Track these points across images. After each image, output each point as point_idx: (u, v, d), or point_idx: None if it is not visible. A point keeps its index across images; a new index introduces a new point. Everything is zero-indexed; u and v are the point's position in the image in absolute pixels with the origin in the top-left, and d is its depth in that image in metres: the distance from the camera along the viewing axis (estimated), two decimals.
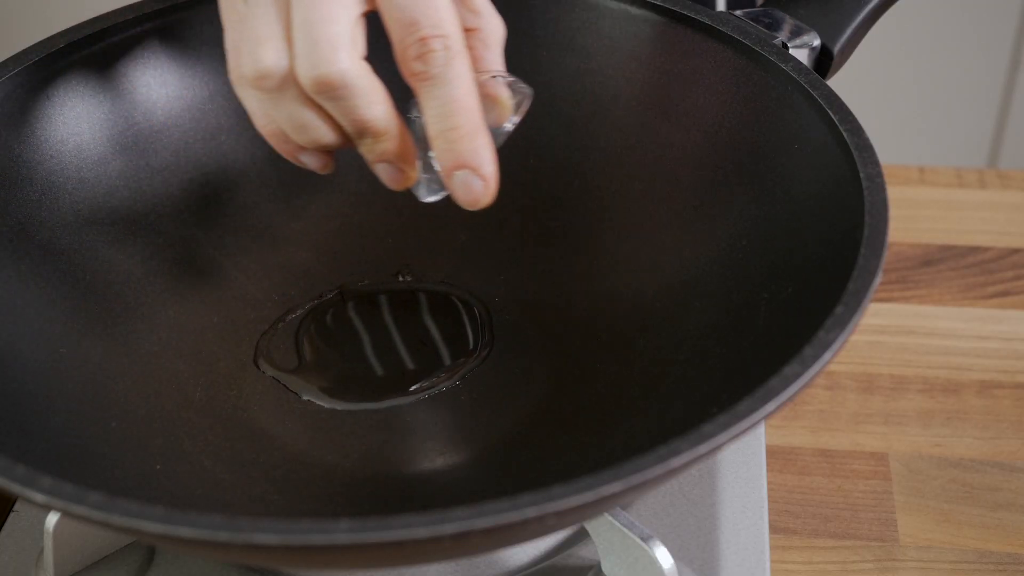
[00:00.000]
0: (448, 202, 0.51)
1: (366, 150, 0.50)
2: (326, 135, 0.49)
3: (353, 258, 0.64)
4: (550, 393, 0.57)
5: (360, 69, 0.47)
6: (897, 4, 0.64)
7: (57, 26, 0.61)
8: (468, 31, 0.51)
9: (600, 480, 0.40)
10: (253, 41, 0.47)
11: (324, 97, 0.47)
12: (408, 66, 0.47)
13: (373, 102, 0.48)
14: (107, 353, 0.57)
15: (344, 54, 0.46)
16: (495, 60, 0.53)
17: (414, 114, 0.51)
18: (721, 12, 0.61)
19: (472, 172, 0.48)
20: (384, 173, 0.51)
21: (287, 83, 0.47)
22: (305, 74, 0.46)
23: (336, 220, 0.65)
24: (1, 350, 0.52)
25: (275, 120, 0.49)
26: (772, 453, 0.63)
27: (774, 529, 0.59)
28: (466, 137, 0.48)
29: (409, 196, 0.53)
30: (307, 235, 0.64)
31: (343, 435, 0.56)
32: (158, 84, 0.62)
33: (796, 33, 0.60)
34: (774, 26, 0.61)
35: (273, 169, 0.64)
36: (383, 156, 0.50)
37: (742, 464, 0.58)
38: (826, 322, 0.45)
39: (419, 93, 0.48)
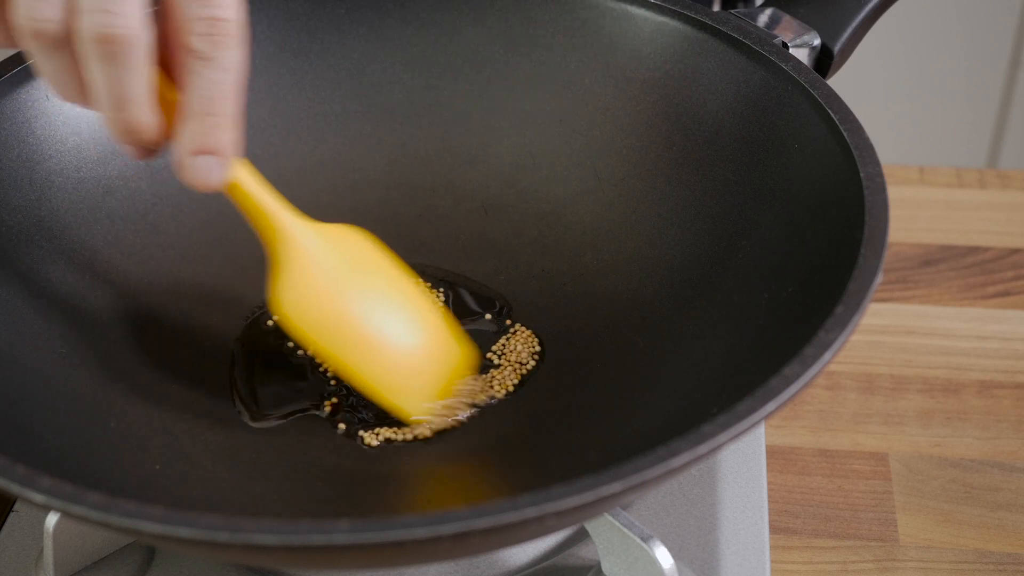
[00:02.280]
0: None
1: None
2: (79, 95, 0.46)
3: None
4: (550, 393, 0.57)
5: (146, 29, 0.44)
6: (897, 4, 0.64)
7: None
8: None
9: (600, 480, 0.40)
10: None
11: (101, 55, 0.44)
12: (187, 40, 0.45)
13: (144, 73, 0.45)
14: (107, 353, 0.57)
15: (137, 7, 0.44)
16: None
17: None
18: (721, 12, 0.61)
19: (218, 158, 0.47)
20: (128, 149, 0.48)
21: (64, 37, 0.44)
22: (87, 27, 0.43)
23: (342, 218, 0.65)
24: (1, 350, 0.52)
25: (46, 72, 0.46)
26: (772, 453, 0.63)
27: (774, 529, 0.59)
28: (225, 126, 0.47)
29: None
30: None
31: (343, 435, 0.56)
32: None
33: (796, 32, 0.60)
34: (774, 25, 0.61)
35: (274, 168, 0.64)
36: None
37: (742, 464, 0.58)
38: (826, 322, 0.45)
39: (187, 69, 0.46)
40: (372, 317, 0.55)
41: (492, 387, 0.58)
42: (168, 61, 0.47)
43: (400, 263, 0.57)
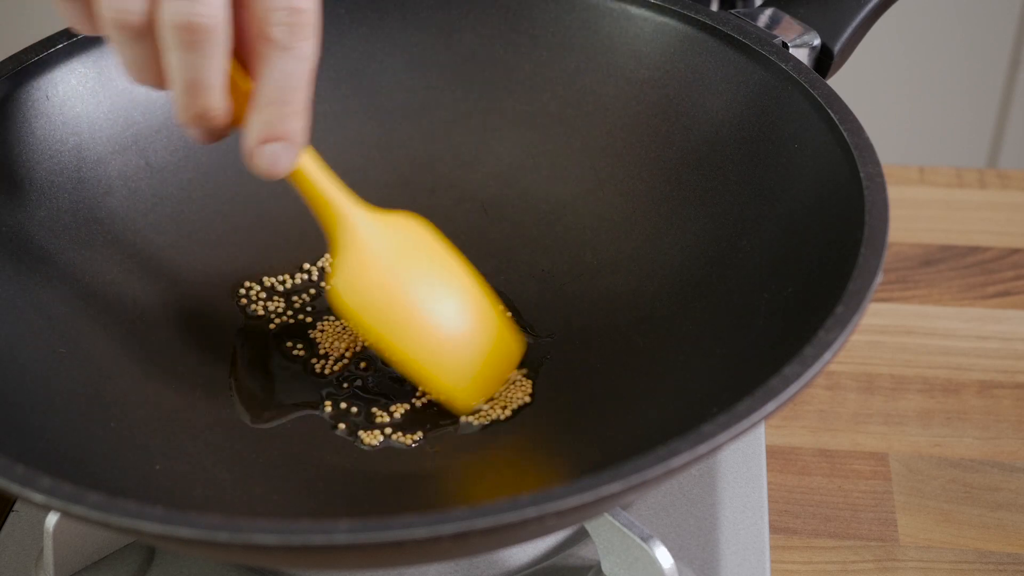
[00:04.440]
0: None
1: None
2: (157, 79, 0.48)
3: None
4: (550, 393, 0.57)
5: (227, 19, 0.46)
6: (897, 4, 0.64)
7: (57, 26, 0.61)
8: None
9: (600, 480, 0.40)
10: None
11: (183, 43, 0.45)
12: (266, 29, 0.46)
13: (222, 61, 0.46)
14: (106, 353, 0.57)
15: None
16: None
17: None
18: (721, 12, 0.61)
19: (289, 145, 0.48)
20: (194, 133, 0.49)
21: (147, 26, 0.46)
22: (171, 15, 0.45)
23: None
24: (1, 350, 0.52)
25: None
26: (772, 453, 0.63)
27: (774, 529, 0.59)
28: (298, 115, 0.48)
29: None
30: (308, 233, 0.64)
31: (343, 435, 0.56)
32: None
33: (796, 32, 0.60)
34: (774, 25, 0.61)
35: None
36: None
37: (742, 464, 0.58)
38: (826, 322, 0.45)
39: (263, 58, 0.47)
40: (428, 305, 0.55)
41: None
42: (240, 49, 0.48)
43: (456, 252, 0.57)
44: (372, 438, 0.56)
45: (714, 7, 0.86)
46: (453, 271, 0.57)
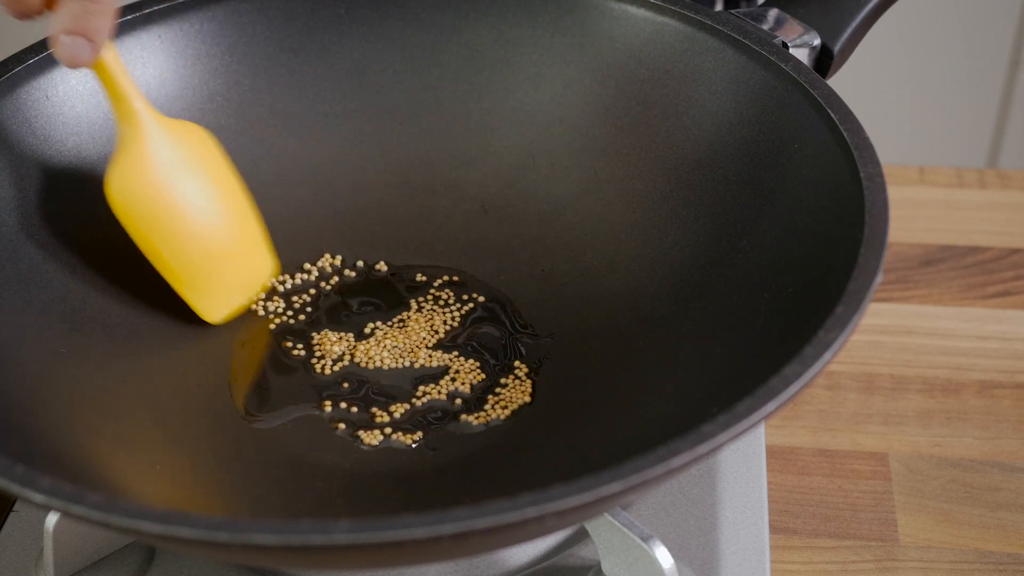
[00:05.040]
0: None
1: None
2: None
3: (362, 255, 0.64)
4: (550, 393, 0.57)
5: None
6: (897, 4, 0.64)
7: None
8: None
9: (600, 480, 0.40)
10: None
11: None
12: None
13: None
14: (107, 353, 0.57)
15: None
16: None
17: None
18: (721, 12, 0.61)
19: (89, 42, 0.51)
20: (68, 47, 0.51)
21: None
22: None
23: (342, 218, 0.65)
24: (1, 350, 0.52)
25: None
26: (772, 453, 0.63)
27: (774, 529, 0.59)
28: (102, 14, 0.50)
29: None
30: (308, 233, 0.64)
31: (343, 435, 0.56)
32: (158, 84, 0.62)
33: (796, 32, 0.60)
34: (774, 25, 0.61)
35: (274, 168, 0.64)
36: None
37: (742, 464, 0.58)
38: (826, 322, 0.45)
39: None
40: (192, 212, 0.59)
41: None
42: None
43: (233, 169, 0.61)
44: (372, 438, 0.56)
45: (718, 7, 0.86)
46: (223, 184, 0.60)
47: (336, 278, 0.63)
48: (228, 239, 0.60)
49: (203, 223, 0.59)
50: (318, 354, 0.60)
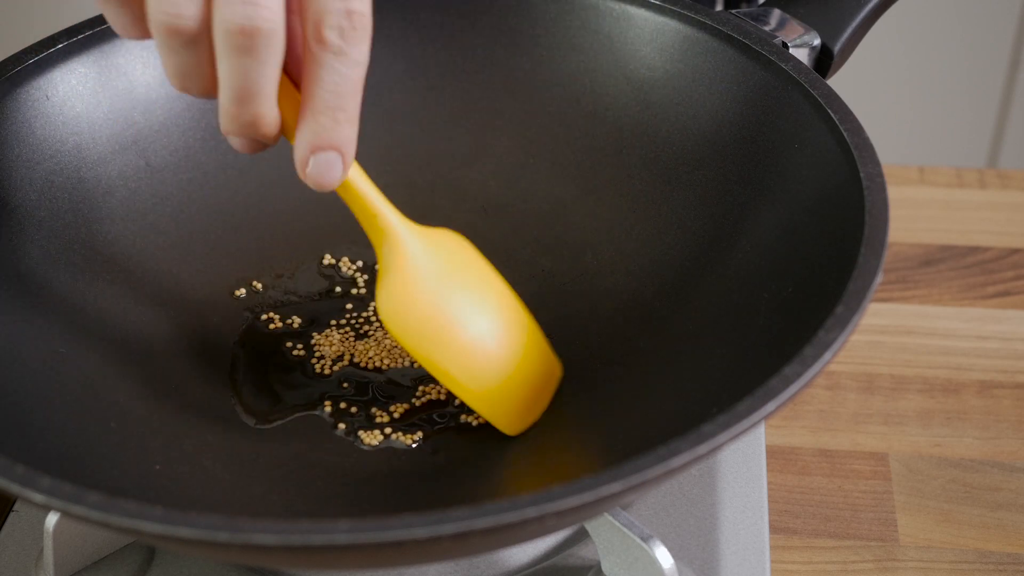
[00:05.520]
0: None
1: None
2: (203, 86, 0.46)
3: (363, 255, 0.64)
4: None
5: (284, 22, 0.44)
6: (897, 4, 0.64)
7: (57, 26, 0.61)
8: None
9: (600, 480, 0.40)
10: None
11: (238, 47, 0.43)
12: (320, 33, 0.44)
13: (276, 66, 0.44)
14: (107, 353, 0.57)
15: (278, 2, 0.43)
16: None
17: None
18: (721, 11, 0.61)
19: (340, 155, 0.47)
20: (238, 143, 0.48)
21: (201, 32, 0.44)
22: (228, 18, 0.43)
23: (343, 218, 0.65)
24: (1, 350, 0.52)
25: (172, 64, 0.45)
26: (772, 453, 0.63)
27: (774, 529, 0.59)
28: (350, 122, 0.46)
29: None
30: (308, 234, 0.64)
31: (343, 435, 0.56)
32: (158, 84, 0.62)
33: (796, 32, 0.60)
34: (774, 26, 0.61)
35: (274, 168, 0.64)
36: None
37: (742, 464, 0.58)
38: (826, 322, 0.45)
39: (316, 62, 0.45)
40: (473, 327, 0.54)
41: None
42: (287, 55, 0.46)
43: (493, 268, 0.57)
44: (372, 438, 0.56)
45: (718, 7, 0.86)
46: (496, 291, 0.56)
47: (336, 278, 0.63)
48: (511, 345, 0.55)
49: (484, 333, 0.54)
50: (318, 354, 0.60)
